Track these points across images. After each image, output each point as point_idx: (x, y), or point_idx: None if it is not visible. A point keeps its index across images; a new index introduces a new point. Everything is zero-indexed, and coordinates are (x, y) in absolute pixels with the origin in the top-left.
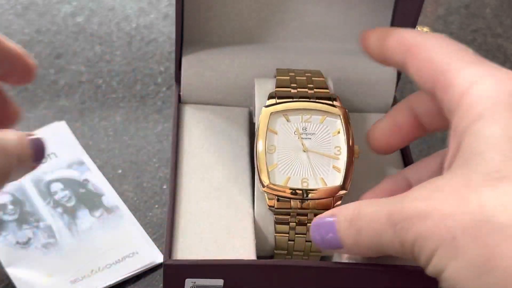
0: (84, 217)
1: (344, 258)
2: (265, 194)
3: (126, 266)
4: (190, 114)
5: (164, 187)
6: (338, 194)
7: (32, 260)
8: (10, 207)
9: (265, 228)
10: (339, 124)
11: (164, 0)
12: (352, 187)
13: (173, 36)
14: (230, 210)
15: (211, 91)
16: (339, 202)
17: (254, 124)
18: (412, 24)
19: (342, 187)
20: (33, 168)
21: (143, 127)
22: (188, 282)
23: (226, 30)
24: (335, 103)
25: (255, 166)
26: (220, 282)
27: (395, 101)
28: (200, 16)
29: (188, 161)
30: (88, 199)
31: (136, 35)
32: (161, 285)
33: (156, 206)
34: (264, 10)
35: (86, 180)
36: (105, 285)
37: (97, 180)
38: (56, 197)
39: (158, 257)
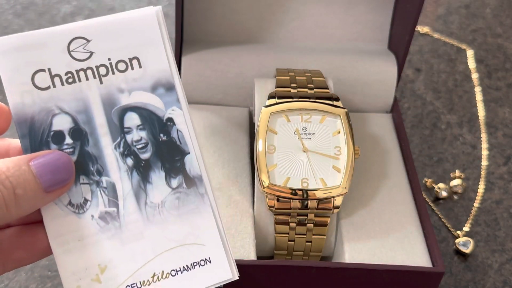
0: (158, 182)
1: (345, 258)
2: (265, 194)
3: (194, 278)
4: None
5: None
6: (338, 194)
7: (85, 236)
8: (68, 140)
9: (265, 228)
10: (339, 124)
11: (164, 0)
12: (352, 187)
13: (173, 36)
14: (230, 210)
15: (211, 91)
16: (339, 202)
17: (254, 124)
18: (412, 24)
19: (342, 187)
20: (53, 196)
21: None
22: None
23: (226, 30)
24: (335, 103)
25: (255, 166)
26: None
27: (395, 101)
28: (200, 16)
29: None
30: (168, 155)
31: None
32: None
33: None
34: (264, 10)
35: (171, 121)
36: None
37: (185, 125)
38: (129, 138)
39: (233, 273)
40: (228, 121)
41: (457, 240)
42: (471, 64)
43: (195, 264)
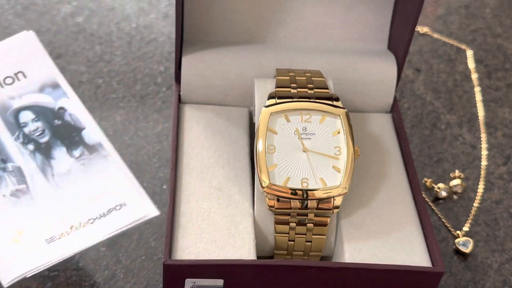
0: (61, 156)
1: (345, 258)
2: (265, 194)
3: (112, 221)
4: (190, 114)
5: (164, 187)
6: (338, 194)
7: (0, 212)
8: None
9: (265, 228)
10: (339, 124)
11: (164, 0)
12: (352, 187)
13: (173, 36)
14: (230, 210)
15: (211, 91)
16: (339, 202)
17: (254, 124)
18: (412, 24)
19: (342, 187)
20: None
21: (143, 127)
22: (188, 282)
23: (226, 30)
24: (335, 103)
25: (255, 166)
26: (220, 282)
27: (395, 101)
28: (200, 16)
29: (188, 161)
30: (66, 134)
31: (136, 35)
32: (161, 285)
33: (156, 206)
34: (264, 10)
35: (62, 108)
36: (86, 246)
37: (76, 108)
38: (26, 129)
39: (150, 210)
40: (228, 121)
41: (457, 240)
42: (471, 64)
43: (110, 210)
